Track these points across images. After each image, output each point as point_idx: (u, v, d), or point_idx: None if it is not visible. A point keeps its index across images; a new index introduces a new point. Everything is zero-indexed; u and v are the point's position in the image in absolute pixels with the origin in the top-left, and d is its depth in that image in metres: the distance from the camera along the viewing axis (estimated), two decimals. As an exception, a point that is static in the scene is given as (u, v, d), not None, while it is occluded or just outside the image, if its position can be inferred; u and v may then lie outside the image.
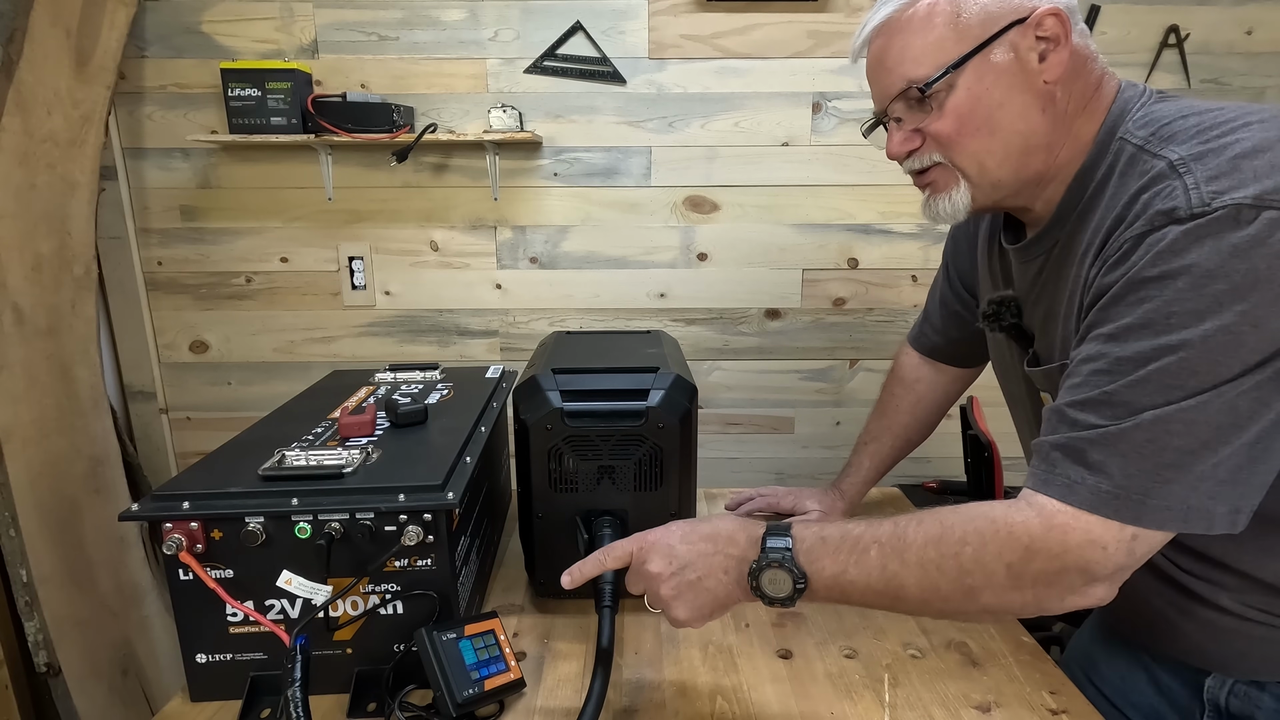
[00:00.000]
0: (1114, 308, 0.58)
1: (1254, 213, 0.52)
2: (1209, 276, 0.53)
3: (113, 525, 1.47)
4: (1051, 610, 0.60)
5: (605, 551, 0.70)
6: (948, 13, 0.65)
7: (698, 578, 0.66)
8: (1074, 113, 0.66)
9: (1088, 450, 0.57)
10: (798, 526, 0.65)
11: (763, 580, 0.63)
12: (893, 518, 0.64)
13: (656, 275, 1.74)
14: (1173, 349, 0.54)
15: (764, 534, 0.65)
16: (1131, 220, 0.58)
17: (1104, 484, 0.56)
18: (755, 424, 1.83)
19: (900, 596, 0.62)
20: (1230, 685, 0.70)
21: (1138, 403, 0.55)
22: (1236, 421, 0.54)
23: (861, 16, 1.60)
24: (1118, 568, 0.57)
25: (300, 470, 0.73)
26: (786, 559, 0.63)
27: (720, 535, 0.67)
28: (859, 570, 0.62)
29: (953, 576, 0.59)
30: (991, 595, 0.59)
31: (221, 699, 0.74)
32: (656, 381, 0.84)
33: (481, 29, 1.61)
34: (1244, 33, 1.64)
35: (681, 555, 0.66)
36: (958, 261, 0.97)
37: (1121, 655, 0.81)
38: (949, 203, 0.71)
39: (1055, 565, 0.57)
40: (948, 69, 0.65)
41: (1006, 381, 0.87)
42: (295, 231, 1.70)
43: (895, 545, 0.61)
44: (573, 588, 0.70)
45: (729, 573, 0.65)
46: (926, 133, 0.69)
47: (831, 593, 0.64)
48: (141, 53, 1.59)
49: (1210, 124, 0.58)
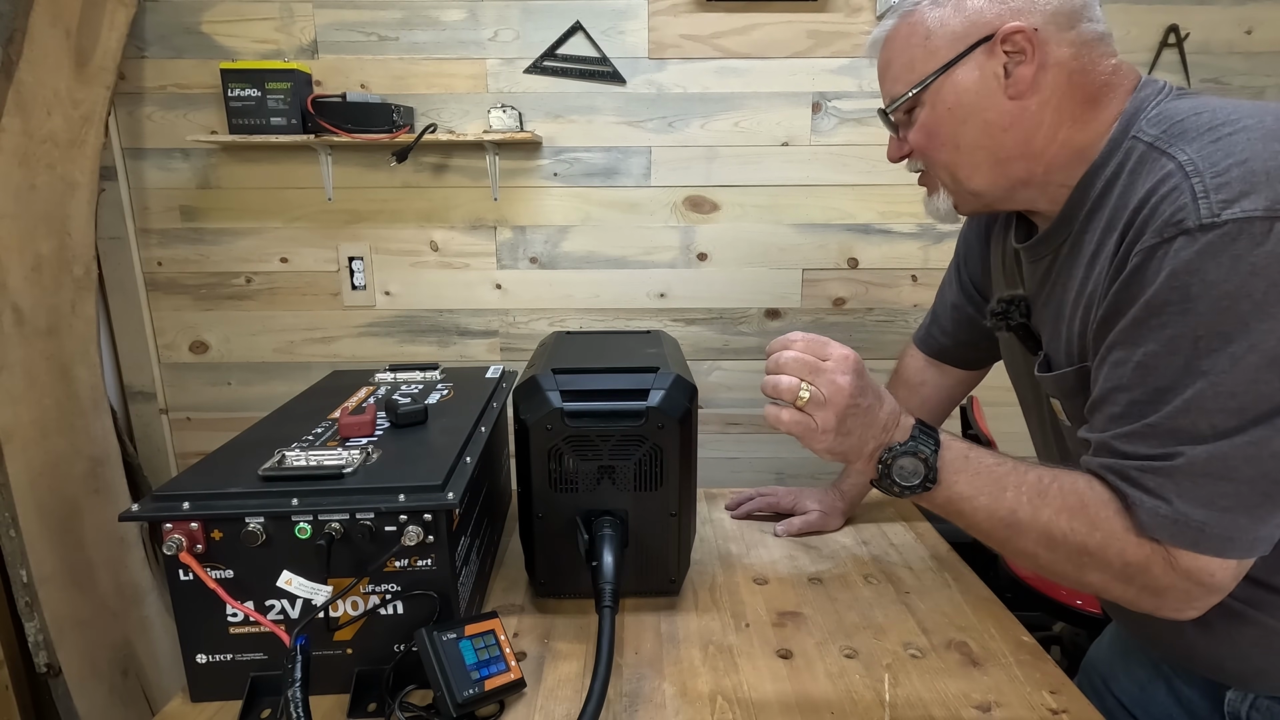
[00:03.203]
0: (1137, 331, 0.58)
1: (1267, 225, 0.52)
2: (1230, 297, 0.53)
3: (113, 525, 1.47)
4: (1141, 609, 0.63)
5: (828, 343, 0.65)
6: (920, 34, 0.69)
7: (868, 405, 0.64)
8: (1057, 123, 0.66)
9: (1141, 478, 0.58)
10: (945, 434, 0.66)
11: (897, 463, 0.64)
12: (1036, 467, 0.64)
13: (656, 275, 1.74)
14: (1206, 375, 0.54)
15: (913, 424, 0.65)
16: (1141, 227, 0.58)
17: (1162, 508, 0.57)
18: (755, 424, 1.83)
19: (1013, 540, 0.64)
20: (1252, 700, 0.69)
21: (1185, 433, 0.56)
22: None
23: (861, 16, 1.62)
24: (1220, 597, 0.59)
25: (300, 470, 0.73)
26: (932, 457, 0.63)
27: (883, 397, 0.66)
28: (990, 502, 0.63)
29: (1073, 550, 0.61)
30: (1099, 578, 0.62)
31: (222, 699, 0.74)
32: (656, 381, 0.84)
33: (481, 29, 1.61)
34: (1244, 32, 1.64)
35: (867, 384, 0.64)
36: (969, 263, 0.96)
37: (1141, 666, 0.80)
38: (940, 202, 0.75)
39: (1167, 581, 0.59)
40: (913, 88, 0.69)
41: (1018, 384, 0.87)
42: (295, 232, 1.70)
43: (1034, 500, 0.62)
44: (782, 349, 0.65)
45: (874, 433, 0.64)
46: (908, 142, 0.74)
47: (949, 508, 0.65)
48: (141, 53, 1.59)
49: (1222, 121, 0.57)
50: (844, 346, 0.65)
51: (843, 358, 0.64)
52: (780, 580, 0.97)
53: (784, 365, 0.64)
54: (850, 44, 1.62)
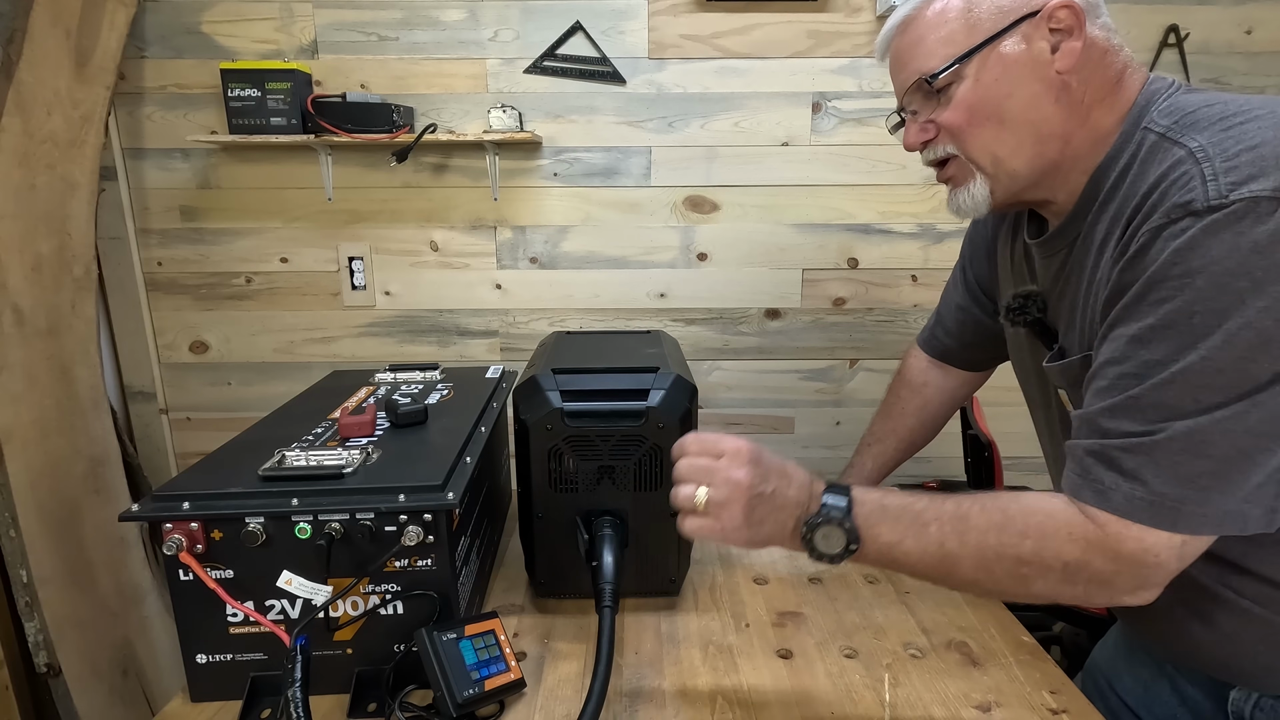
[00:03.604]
0: (1136, 307, 0.58)
1: (1273, 205, 0.51)
2: (1230, 274, 0.52)
3: (113, 525, 1.47)
4: (1097, 604, 0.62)
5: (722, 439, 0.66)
6: (960, 8, 0.67)
7: (769, 511, 0.64)
8: (1091, 103, 0.66)
9: (1121, 458, 0.58)
10: (857, 490, 0.65)
11: (817, 535, 0.63)
12: (954, 496, 0.64)
13: (656, 275, 1.74)
14: (1197, 349, 0.54)
15: (824, 490, 0.65)
16: (1149, 211, 0.58)
17: (1138, 490, 0.57)
18: (755, 424, 1.83)
19: (952, 573, 0.63)
20: (1256, 699, 0.68)
21: (1167, 407, 0.55)
22: (1275, 430, 0.54)
23: (861, 16, 1.61)
24: (1169, 575, 0.59)
25: (300, 470, 0.73)
26: (846, 520, 0.63)
27: (790, 475, 0.66)
28: (916, 543, 0.63)
29: (1010, 565, 0.61)
30: (1044, 585, 0.61)
31: (222, 699, 0.74)
32: (656, 381, 0.84)
33: (481, 29, 1.61)
34: (1244, 32, 1.64)
35: (770, 480, 0.64)
36: (975, 264, 0.96)
37: (1145, 665, 0.80)
38: (969, 196, 0.71)
39: (1110, 569, 0.58)
40: (955, 60, 0.67)
41: (1025, 383, 0.87)
42: (295, 232, 1.70)
43: (956, 526, 0.62)
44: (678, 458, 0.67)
45: (791, 516, 0.65)
46: (939, 124, 0.70)
47: (881, 559, 0.64)
48: (141, 53, 1.59)
49: (1234, 111, 0.58)
50: (736, 439, 0.66)
51: (735, 452, 0.64)
52: (780, 580, 0.97)
53: (681, 474, 0.66)
54: (850, 44, 1.62)
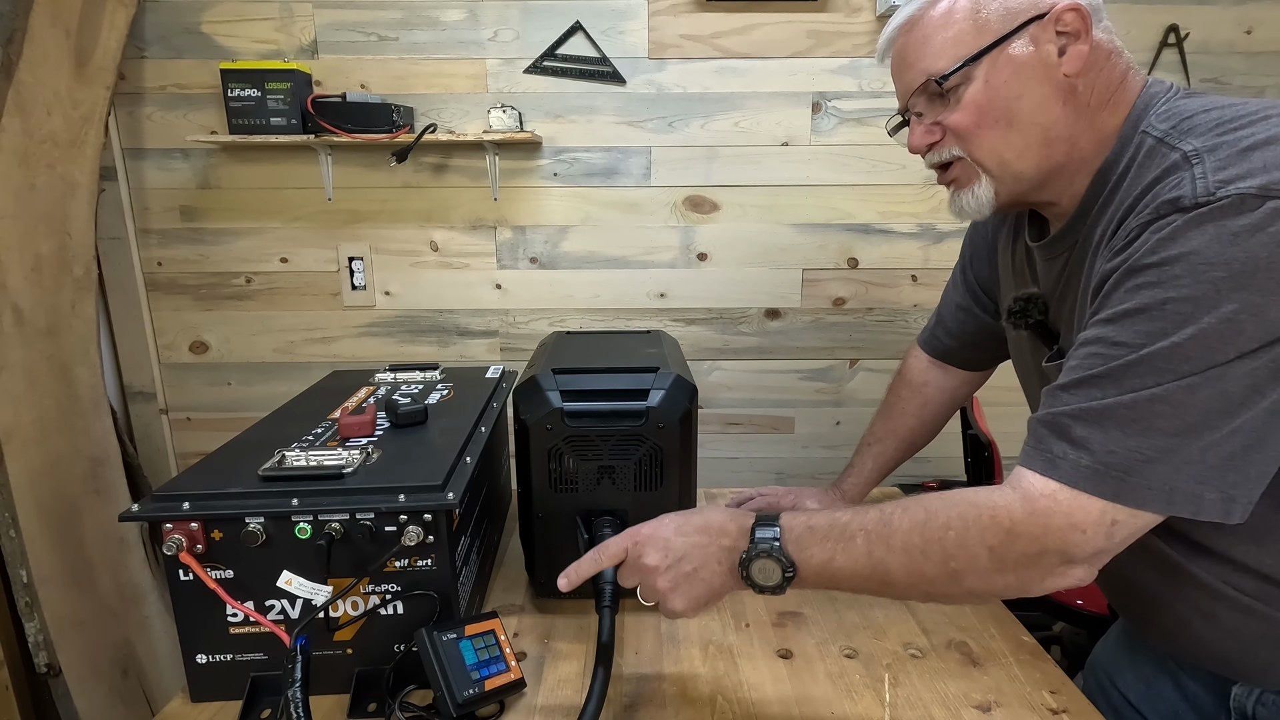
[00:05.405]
0: (1113, 294, 0.58)
1: (1258, 202, 0.52)
2: (1207, 264, 0.53)
3: (113, 526, 1.47)
4: (1033, 591, 0.61)
5: (600, 550, 0.70)
6: (968, 9, 0.67)
7: (693, 569, 0.66)
8: (1096, 105, 0.67)
9: (1072, 426, 0.58)
10: (786, 516, 0.66)
11: (753, 570, 0.65)
12: (879, 504, 0.65)
13: (656, 275, 1.74)
14: (1167, 335, 0.54)
15: (753, 524, 0.66)
16: (1140, 210, 0.58)
17: (1085, 459, 0.56)
18: (755, 424, 1.83)
19: (887, 581, 0.63)
20: (1258, 695, 0.68)
21: (1128, 383, 0.56)
22: (1227, 407, 0.54)
23: (861, 16, 1.62)
24: (1096, 550, 0.58)
25: (300, 470, 0.73)
26: (775, 549, 0.64)
27: (712, 526, 0.68)
28: (846, 557, 0.63)
29: (937, 561, 0.60)
30: (975, 578, 0.60)
31: (222, 699, 0.74)
32: (656, 381, 0.84)
33: (481, 29, 1.61)
34: (1244, 32, 1.64)
35: (677, 548, 0.67)
36: (976, 265, 0.96)
37: (1147, 662, 0.80)
38: (972, 198, 0.71)
39: (1035, 547, 0.58)
40: (965, 62, 0.66)
41: (1026, 383, 0.87)
42: (295, 232, 1.70)
43: (881, 532, 0.62)
44: (570, 589, 0.70)
45: (722, 563, 0.66)
46: (945, 125, 0.70)
47: (820, 580, 0.65)
48: (141, 53, 1.59)
49: (1231, 117, 0.58)
50: (620, 536, 0.70)
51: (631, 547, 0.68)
52: (780, 580, 0.97)
53: (625, 584, 0.70)
54: (850, 44, 1.62)
